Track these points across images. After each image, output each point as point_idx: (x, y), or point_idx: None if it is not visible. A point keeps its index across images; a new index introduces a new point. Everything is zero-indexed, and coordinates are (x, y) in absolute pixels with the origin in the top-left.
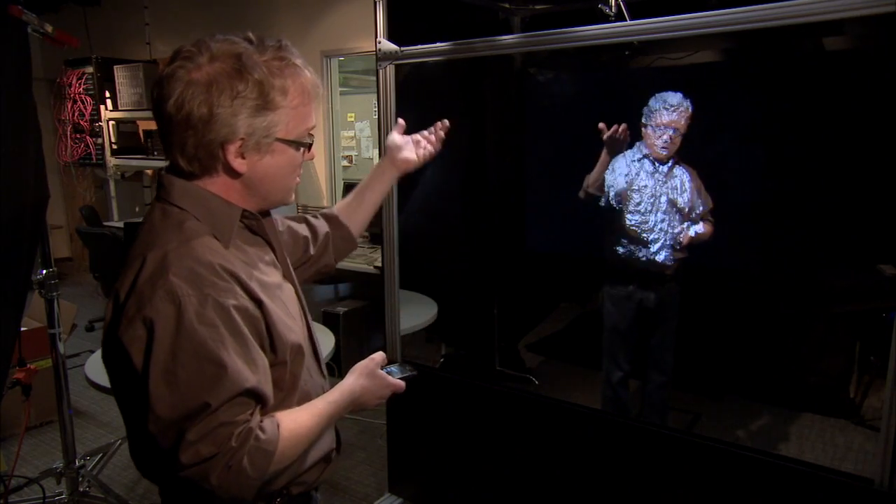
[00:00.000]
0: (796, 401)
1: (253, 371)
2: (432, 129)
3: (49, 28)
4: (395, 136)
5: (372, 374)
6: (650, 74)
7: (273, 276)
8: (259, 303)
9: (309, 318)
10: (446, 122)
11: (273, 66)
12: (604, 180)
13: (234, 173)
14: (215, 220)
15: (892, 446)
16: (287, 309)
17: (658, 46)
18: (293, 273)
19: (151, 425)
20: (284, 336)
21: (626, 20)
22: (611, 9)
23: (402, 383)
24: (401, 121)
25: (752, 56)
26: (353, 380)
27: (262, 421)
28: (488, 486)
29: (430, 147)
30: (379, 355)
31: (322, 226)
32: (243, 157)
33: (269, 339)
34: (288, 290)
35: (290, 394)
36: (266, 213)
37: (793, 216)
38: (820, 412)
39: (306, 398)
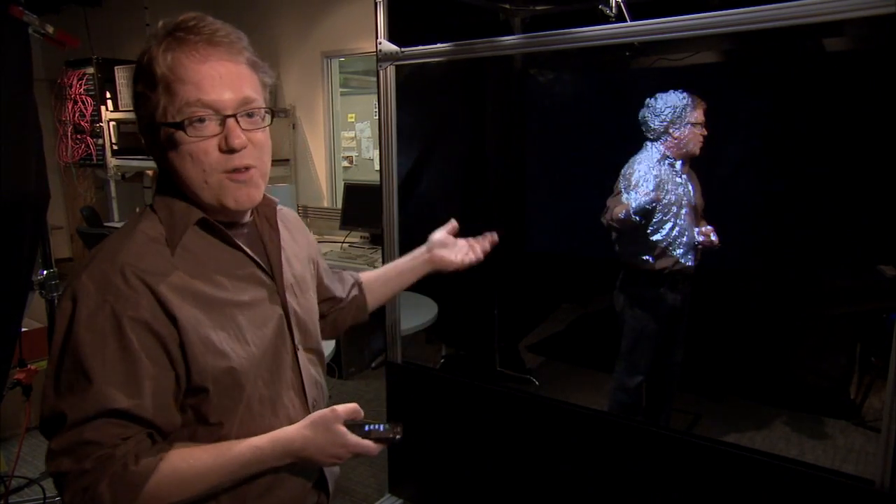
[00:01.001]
0: (797, 402)
1: (131, 393)
2: (483, 238)
3: (50, 29)
4: (440, 233)
5: (326, 427)
6: (650, 75)
7: (241, 293)
8: (174, 320)
9: (296, 348)
10: (495, 236)
11: (165, 43)
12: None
13: (171, 165)
14: (170, 223)
15: (893, 448)
16: (239, 332)
17: (659, 47)
18: (297, 296)
19: (40, 415)
20: (204, 361)
21: (626, 21)
22: (611, 10)
23: (371, 445)
24: (453, 221)
25: (750, 57)
26: (297, 430)
27: (141, 450)
28: (489, 486)
29: (472, 255)
30: (345, 407)
31: (353, 290)
32: (173, 148)
33: (185, 358)
34: (263, 311)
35: (219, 427)
36: (272, 215)
37: (793, 217)
38: (821, 413)
39: (258, 432)
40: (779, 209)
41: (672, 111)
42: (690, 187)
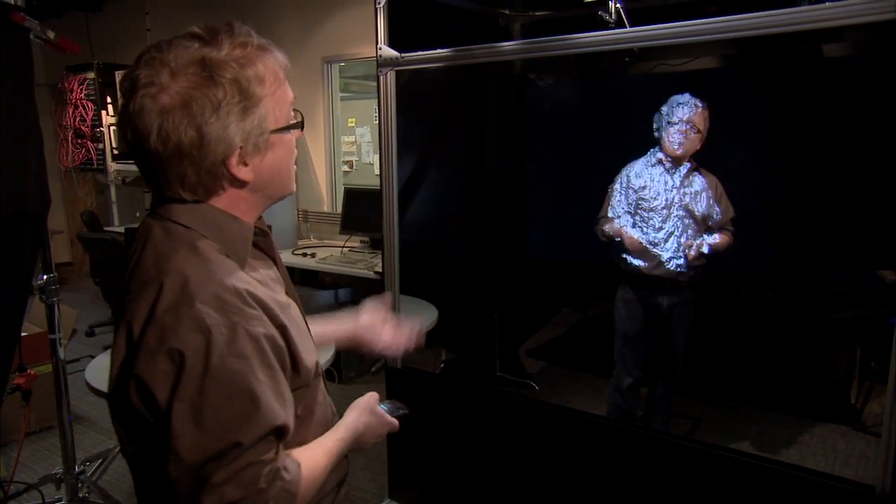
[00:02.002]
0: (797, 406)
1: (282, 405)
2: (410, 334)
3: (51, 35)
4: (368, 316)
5: (373, 410)
6: (650, 80)
7: (281, 294)
8: (283, 328)
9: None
10: (423, 336)
11: (238, 56)
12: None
13: (241, 183)
14: (227, 240)
15: (894, 453)
16: (300, 328)
17: (658, 52)
18: (294, 288)
19: (172, 468)
20: (306, 359)
21: (626, 27)
22: (611, 16)
23: (397, 422)
24: (388, 295)
25: (750, 62)
26: (356, 416)
27: (283, 459)
28: (488, 491)
29: (392, 350)
30: (375, 393)
31: None
32: (246, 164)
33: (294, 364)
34: (294, 307)
35: (307, 418)
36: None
37: (793, 221)
38: (821, 418)
39: (321, 422)
40: (779, 214)
41: (658, 113)
42: (691, 193)
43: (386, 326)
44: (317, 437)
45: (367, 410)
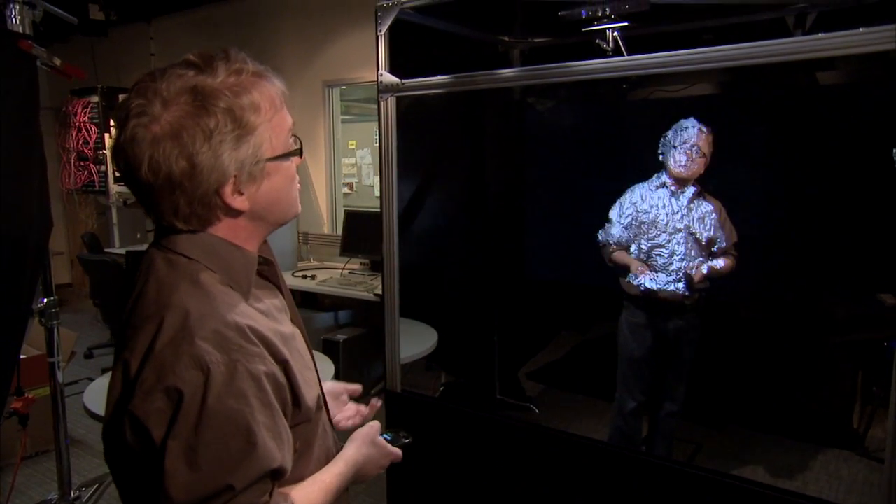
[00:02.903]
0: (799, 431)
1: (279, 446)
2: (368, 407)
3: (57, 62)
4: (336, 388)
5: (374, 441)
6: (648, 105)
7: (286, 324)
8: (285, 364)
9: (315, 363)
10: (378, 404)
11: (232, 84)
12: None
13: (236, 213)
14: (231, 271)
15: None
16: (304, 360)
17: (656, 79)
18: (299, 316)
19: None
20: (307, 394)
21: (623, 55)
22: (608, 44)
23: (400, 452)
24: (358, 387)
25: (748, 87)
26: (356, 448)
27: (280, 501)
28: None
29: (356, 420)
30: (376, 423)
31: None
32: (241, 193)
33: (294, 401)
34: (299, 337)
35: (305, 453)
36: (263, 243)
37: (793, 245)
38: (823, 443)
39: (321, 456)
40: (779, 237)
41: (664, 138)
42: (696, 217)
43: (350, 403)
44: (315, 472)
45: (368, 442)
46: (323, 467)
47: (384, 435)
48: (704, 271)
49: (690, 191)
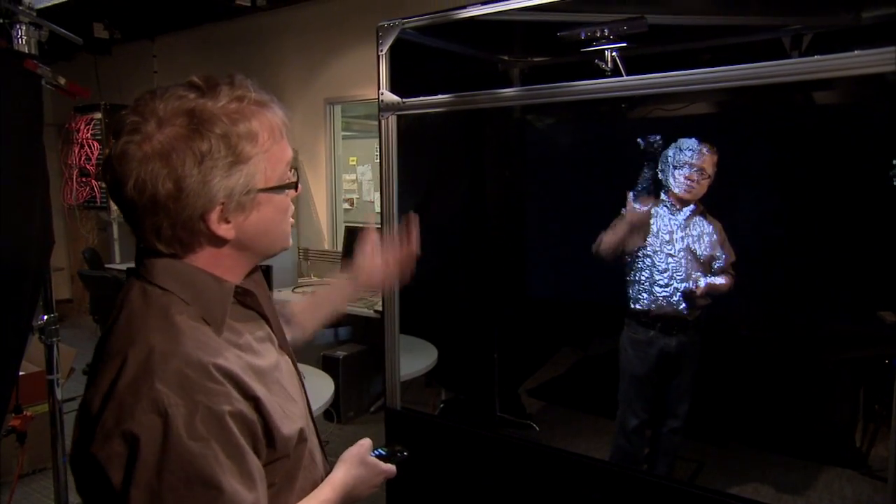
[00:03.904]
0: (801, 449)
1: (249, 488)
2: (407, 252)
3: (62, 80)
4: (365, 258)
5: (363, 461)
6: (647, 124)
7: (268, 354)
8: (255, 400)
9: (305, 390)
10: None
11: (231, 111)
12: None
13: (221, 241)
14: (205, 303)
15: None
16: (286, 391)
17: (654, 98)
18: (289, 344)
19: None
20: (284, 430)
21: (622, 75)
22: (607, 64)
23: (394, 468)
24: (374, 237)
25: (747, 107)
26: (345, 471)
27: None
28: None
29: (393, 273)
30: (366, 441)
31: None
32: (228, 222)
33: (268, 437)
34: (285, 365)
35: (285, 487)
36: (254, 270)
37: (793, 263)
38: (826, 462)
39: (306, 488)
40: (780, 255)
41: (663, 158)
42: (694, 235)
43: (381, 258)
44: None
45: (356, 462)
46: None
47: (378, 450)
48: (701, 283)
49: (690, 208)
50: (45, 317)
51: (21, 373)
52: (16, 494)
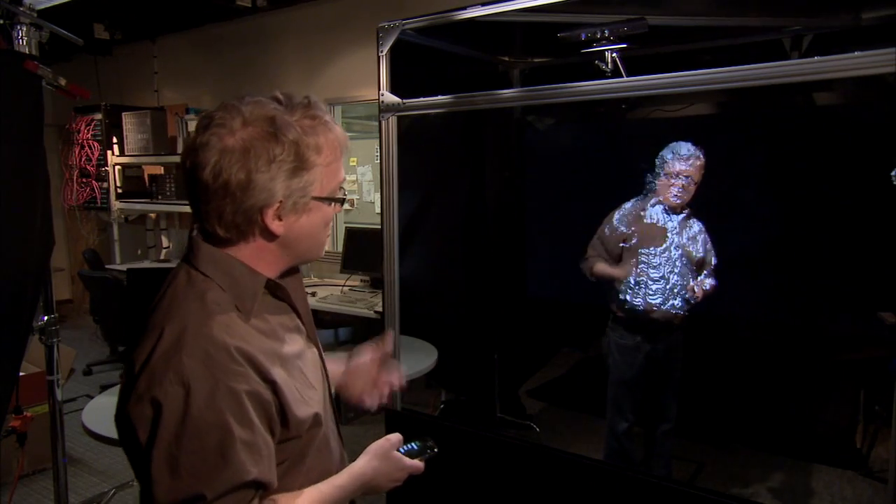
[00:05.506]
0: (802, 451)
1: (256, 461)
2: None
3: (62, 81)
4: (363, 358)
5: (386, 455)
6: (647, 124)
7: (295, 343)
8: (273, 383)
9: (330, 381)
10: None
11: (305, 125)
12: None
13: (271, 236)
14: (239, 291)
15: None
16: (306, 378)
17: (654, 99)
18: (317, 335)
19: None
20: (299, 412)
21: (622, 76)
22: (607, 65)
23: (420, 465)
24: (388, 339)
25: (747, 107)
26: (365, 462)
27: None
28: None
29: (371, 403)
30: (395, 436)
31: None
32: (280, 219)
33: (283, 417)
34: (311, 355)
35: (294, 466)
36: (295, 270)
37: (793, 264)
38: (826, 463)
39: (316, 468)
40: (779, 257)
41: (658, 161)
42: (689, 237)
43: (380, 375)
44: (308, 485)
45: (379, 455)
46: (317, 481)
47: (411, 444)
48: (707, 288)
49: (683, 211)
50: (46, 317)
51: (21, 373)
52: (16, 495)
